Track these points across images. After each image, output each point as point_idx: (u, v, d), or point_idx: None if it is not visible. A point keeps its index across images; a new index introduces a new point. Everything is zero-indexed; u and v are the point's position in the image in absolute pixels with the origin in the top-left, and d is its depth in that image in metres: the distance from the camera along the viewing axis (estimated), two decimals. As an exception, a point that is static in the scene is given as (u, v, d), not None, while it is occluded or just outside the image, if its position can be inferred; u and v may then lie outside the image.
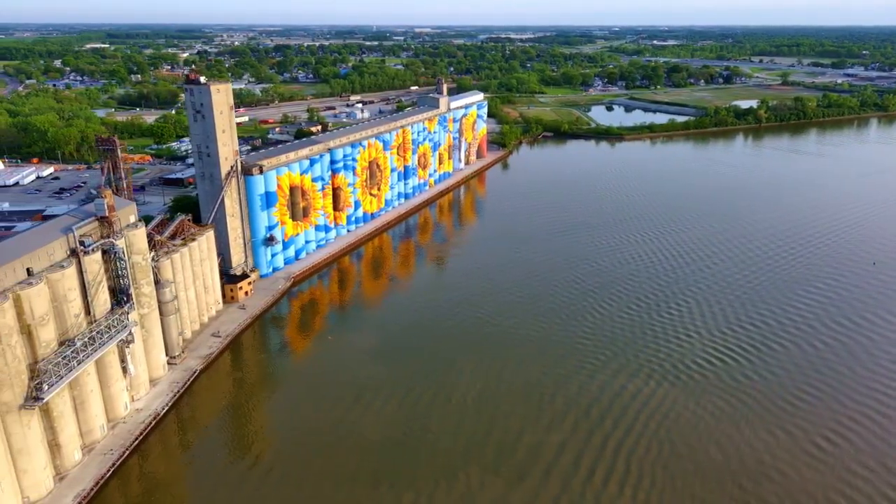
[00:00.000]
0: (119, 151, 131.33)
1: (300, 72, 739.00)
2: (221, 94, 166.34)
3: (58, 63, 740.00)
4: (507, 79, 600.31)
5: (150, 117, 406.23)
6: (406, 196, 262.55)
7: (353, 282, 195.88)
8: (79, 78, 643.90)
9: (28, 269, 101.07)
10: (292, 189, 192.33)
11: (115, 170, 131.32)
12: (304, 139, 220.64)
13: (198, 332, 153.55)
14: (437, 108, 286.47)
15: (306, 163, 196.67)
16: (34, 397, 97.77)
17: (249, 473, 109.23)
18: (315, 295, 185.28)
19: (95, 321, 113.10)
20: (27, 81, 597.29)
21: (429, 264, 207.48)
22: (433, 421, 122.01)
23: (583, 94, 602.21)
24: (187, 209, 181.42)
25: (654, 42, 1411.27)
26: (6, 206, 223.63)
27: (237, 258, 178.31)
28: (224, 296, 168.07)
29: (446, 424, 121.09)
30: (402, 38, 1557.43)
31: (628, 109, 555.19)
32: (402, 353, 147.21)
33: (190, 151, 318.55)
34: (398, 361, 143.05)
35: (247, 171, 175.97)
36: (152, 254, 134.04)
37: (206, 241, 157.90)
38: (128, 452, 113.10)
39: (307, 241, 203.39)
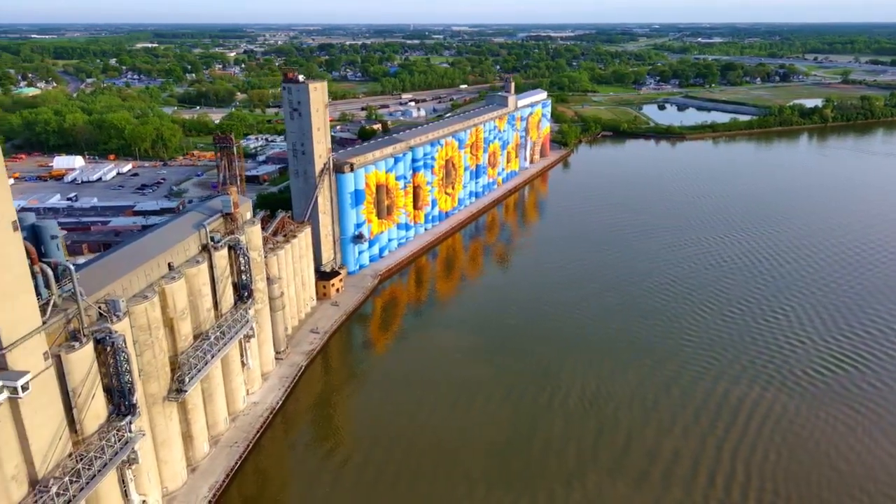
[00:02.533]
0: (235, 149, 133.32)
1: (348, 70, 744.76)
2: (318, 93, 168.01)
3: (113, 62, 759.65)
4: (557, 77, 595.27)
5: (213, 115, 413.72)
6: (477, 195, 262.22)
7: (433, 280, 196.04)
8: (136, 77, 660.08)
9: (169, 264, 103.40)
10: (378, 187, 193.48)
11: (231, 167, 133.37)
12: (387, 138, 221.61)
13: (297, 328, 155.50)
14: (506, 106, 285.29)
15: (391, 161, 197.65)
16: (177, 389, 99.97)
17: (359, 470, 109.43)
18: (400, 293, 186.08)
19: (222, 316, 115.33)
20: (88, 80, 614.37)
21: (508, 264, 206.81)
22: (541, 424, 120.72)
23: (636, 93, 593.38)
24: (272, 206, 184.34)
25: (699, 39, 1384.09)
26: (95, 200, 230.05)
27: (327, 255, 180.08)
28: (317, 292, 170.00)
29: (555, 427, 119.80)
30: (441, 36, 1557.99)
31: (681, 108, 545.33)
32: (498, 353, 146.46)
33: (258, 149, 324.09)
34: (496, 362, 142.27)
35: (338, 169, 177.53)
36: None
37: (304, 238, 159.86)
38: (251, 445, 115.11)
39: (390, 239, 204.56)
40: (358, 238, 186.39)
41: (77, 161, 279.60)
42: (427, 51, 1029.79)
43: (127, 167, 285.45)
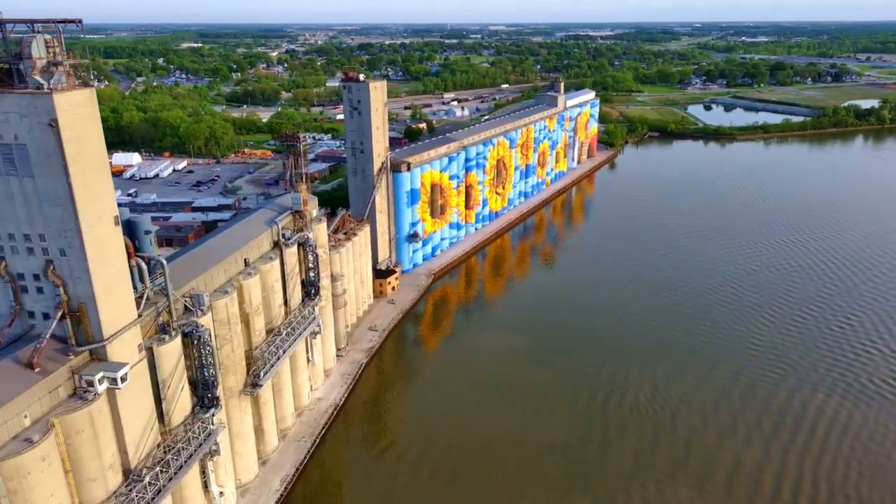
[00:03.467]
0: (301, 147, 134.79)
1: (389, 70, 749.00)
2: (377, 91, 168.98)
3: (161, 61, 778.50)
4: (600, 77, 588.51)
5: (260, 114, 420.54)
6: (526, 195, 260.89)
7: (484, 280, 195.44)
8: (183, 76, 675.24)
9: (245, 260, 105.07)
10: (433, 186, 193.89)
11: (297, 165, 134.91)
12: (440, 137, 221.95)
13: (355, 326, 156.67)
14: (556, 106, 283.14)
15: (445, 160, 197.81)
16: (252, 384, 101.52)
17: (414, 469, 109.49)
18: (451, 292, 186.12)
19: (291, 312, 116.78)
20: (138, 79, 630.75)
21: (558, 265, 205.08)
22: (597, 426, 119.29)
23: (681, 93, 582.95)
24: (325, 204, 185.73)
25: (744, 38, 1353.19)
26: (154, 197, 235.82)
27: (383, 254, 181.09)
28: (373, 290, 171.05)
29: (611, 430, 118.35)
30: (478, 35, 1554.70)
31: (728, 108, 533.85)
32: (551, 354, 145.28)
33: (308, 147, 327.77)
34: (550, 363, 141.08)
35: (395, 168, 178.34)
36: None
37: (363, 237, 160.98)
38: (318, 441, 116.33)
39: (442, 238, 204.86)
40: (413, 237, 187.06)
41: (134, 158, 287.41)
42: (466, 50, 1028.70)
43: (182, 164, 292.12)
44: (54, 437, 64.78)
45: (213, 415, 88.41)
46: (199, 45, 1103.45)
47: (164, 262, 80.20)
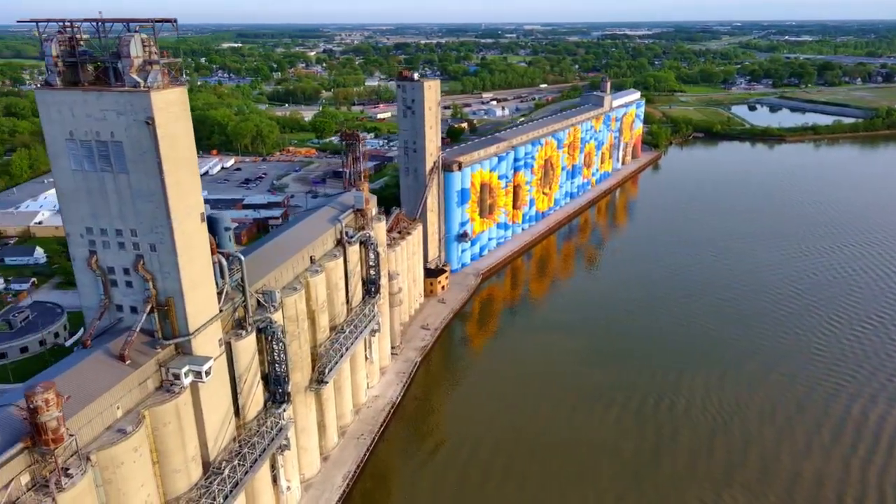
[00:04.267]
0: (361, 146, 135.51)
1: (426, 69, 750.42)
2: (432, 91, 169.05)
3: (203, 61, 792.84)
4: (641, 77, 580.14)
5: (303, 112, 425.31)
6: (572, 195, 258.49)
7: (533, 281, 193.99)
8: (225, 75, 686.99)
9: (311, 258, 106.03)
10: (482, 186, 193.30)
11: (356, 164, 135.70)
12: (489, 136, 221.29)
13: (407, 324, 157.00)
14: (602, 106, 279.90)
15: (495, 160, 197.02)
16: (317, 380, 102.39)
17: (474, 469, 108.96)
18: (500, 292, 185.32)
19: (352, 310, 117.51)
20: (181, 78, 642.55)
21: (606, 267, 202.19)
22: (665, 435, 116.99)
23: (726, 93, 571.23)
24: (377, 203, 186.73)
25: (787, 38, 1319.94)
26: (206, 193, 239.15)
27: (433, 253, 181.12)
28: (423, 289, 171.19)
29: (680, 439, 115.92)
30: (513, 35, 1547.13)
31: (773, 109, 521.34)
32: (608, 356, 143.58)
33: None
34: (607, 365, 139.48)
35: (447, 168, 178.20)
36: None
37: (416, 235, 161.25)
38: (377, 438, 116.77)
39: (489, 238, 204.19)
40: (462, 237, 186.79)
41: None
42: (502, 50, 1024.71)
43: (230, 162, 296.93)
44: (145, 429, 66.05)
45: (284, 410, 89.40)
46: (239, 45, 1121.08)
47: (242, 258, 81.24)
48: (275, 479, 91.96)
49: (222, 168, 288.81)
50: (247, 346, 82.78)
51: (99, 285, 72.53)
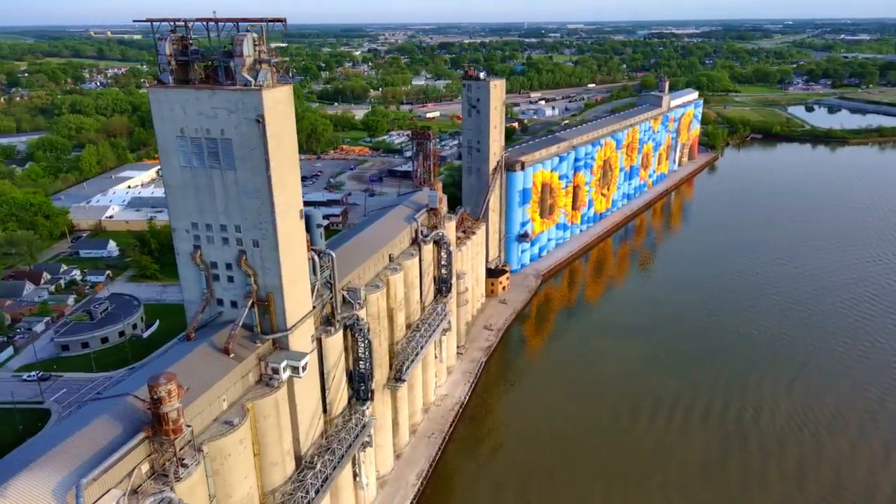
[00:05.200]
0: (431, 145, 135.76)
1: (473, 68, 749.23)
2: (497, 90, 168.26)
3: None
4: (694, 76, 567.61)
5: (353, 111, 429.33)
6: (629, 196, 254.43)
7: (592, 284, 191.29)
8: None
9: (390, 256, 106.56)
10: (543, 186, 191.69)
11: (426, 162, 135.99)
12: (549, 136, 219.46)
13: (470, 324, 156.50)
14: (660, 106, 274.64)
15: (556, 160, 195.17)
16: (395, 378, 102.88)
17: (542, 471, 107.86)
18: (561, 294, 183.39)
19: (425, 309, 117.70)
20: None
21: (669, 270, 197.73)
22: (735, 445, 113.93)
23: (783, 93, 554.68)
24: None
25: (843, 36, 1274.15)
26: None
27: (493, 253, 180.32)
28: (484, 289, 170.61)
29: (750, 448, 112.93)
30: (557, 34, 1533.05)
31: (832, 110, 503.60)
32: (677, 362, 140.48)
33: (403, 145, 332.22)
34: (678, 372, 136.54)
35: (509, 167, 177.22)
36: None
37: (480, 235, 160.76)
38: (447, 437, 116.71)
39: (549, 239, 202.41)
40: (523, 237, 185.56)
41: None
42: (547, 49, 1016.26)
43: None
44: (248, 422, 67.11)
45: (367, 407, 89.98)
46: (286, 44, 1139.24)
47: (334, 255, 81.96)
48: (355, 476, 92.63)
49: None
50: (335, 342, 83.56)
51: (202, 279, 74.05)
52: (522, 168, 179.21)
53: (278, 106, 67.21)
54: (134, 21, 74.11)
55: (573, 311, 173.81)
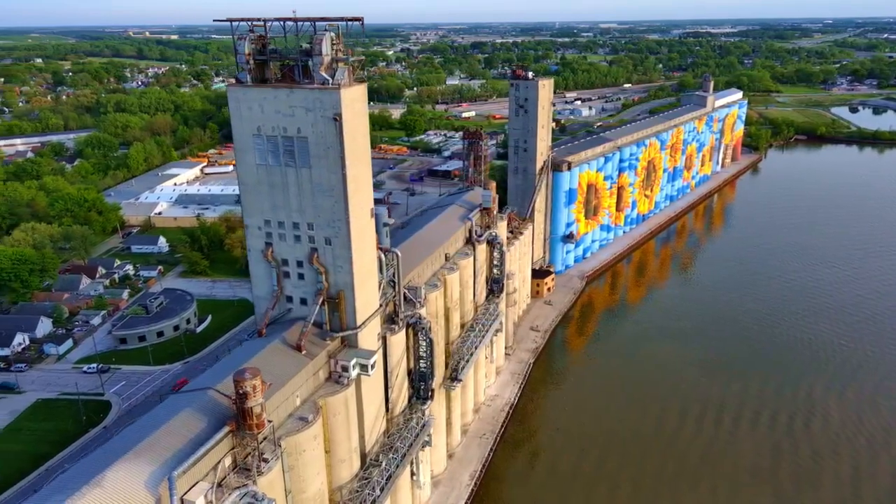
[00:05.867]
0: (483, 145, 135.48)
1: (505, 68, 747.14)
2: (545, 90, 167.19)
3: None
4: (734, 76, 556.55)
5: (390, 110, 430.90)
6: (671, 198, 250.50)
7: (639, 286, 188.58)
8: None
9: (445, 255, 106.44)
10: (588, 186, 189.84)
11: (477, 162, 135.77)
12: (594, 137, 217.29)
13: (517, 325, 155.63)
14: (704, 106, 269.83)
15: (602, 160, 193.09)
16: (451, 377, 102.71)
17: (592, 478, 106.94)
18: (606, 296, 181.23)
19: (478, 309, 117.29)
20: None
21: (715, 273, 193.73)
22: (785, 452, 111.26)
23: (826, 94, 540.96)
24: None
25: (887, 35, 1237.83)
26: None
27: (537, 254, 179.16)
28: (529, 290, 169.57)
29: (801, 453, 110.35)
30: (589, 33, 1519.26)
31: (878, 111, 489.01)
32: (728, 367, 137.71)
33: (441, 144, 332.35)
34: (728, 377, 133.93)
35: (556, 167, 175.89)
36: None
37: (528, 235, 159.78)
38: (498, 438, 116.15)
39: (593, 241, 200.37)
40: (568, 238, 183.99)
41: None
42: (581, 49, 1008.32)
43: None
44: (321, 418, 67.54)
45: (427, 406, 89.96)
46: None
47: (399, 253, 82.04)
48: (412, 475, 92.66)
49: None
50: (399, 340, 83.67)
51: (272, 276, 74.76)
52: (569, 168, 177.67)
53: (354, 104, 67.49)
54: (214, 21, 75.02)
55: (618, 313, 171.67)
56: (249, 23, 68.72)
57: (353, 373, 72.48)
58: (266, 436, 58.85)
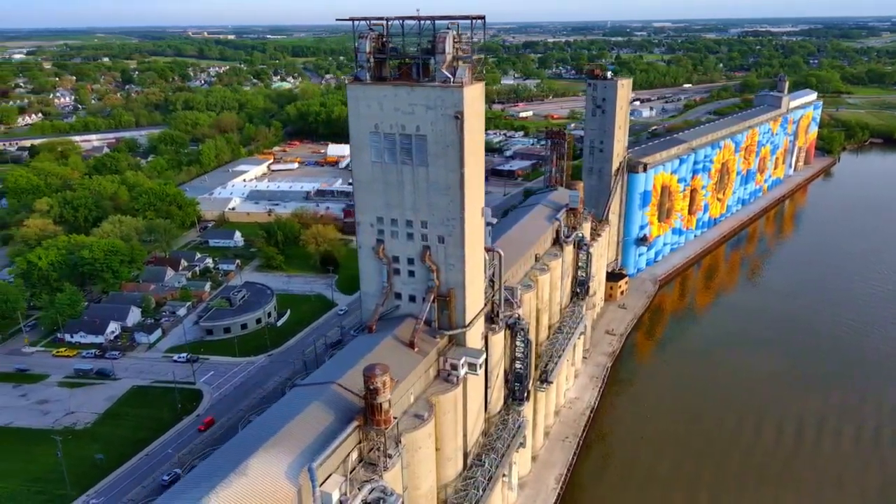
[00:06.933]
0: (567, 145, 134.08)
1: (560, 68, 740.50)
2: (624, 90, 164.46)
3: (342, 59, 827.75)
4: (800, 76, 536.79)
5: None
6: (743, 202, 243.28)
7: (714, 291, 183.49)
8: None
9: (535, 256, 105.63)
10: (662, 189, 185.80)
11: (560, 161, 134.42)
12: (667, 138, 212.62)
13: (592, 328, 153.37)
14: (779, 107, 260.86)
15: (676, 162, 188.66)
16: (541, 379, 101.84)
17: (679, 482, 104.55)
18: (679, 301, 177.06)
19: (563, 310, 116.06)
20: (327, 76, 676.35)
21: (789, 279, 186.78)
22: (885, 464, 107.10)
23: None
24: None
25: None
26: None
27: (610, 256, 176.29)
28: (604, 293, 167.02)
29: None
30: (642, 32, 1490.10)
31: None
32: (807, 376, 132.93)
33: (501, 143, 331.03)
34: (807, 387, 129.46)
35: (632, 169, 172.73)
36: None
37: (605, 237, 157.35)
38: (581, 442, 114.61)
39: (664, 244, 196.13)
40: (642, 240, 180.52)
41: (346, 149, 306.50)
42: (636, 48, 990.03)
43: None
44: (434, 416, 67.70)
45: (523, 407, 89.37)
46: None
47: (502, 253, 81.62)
48: (503, 475, 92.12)
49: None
50: (499, 340, 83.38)
51: (383, 273, 75.34)
52: (645, 170, 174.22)
53: (474, 103, 67.43)
54: (336, 20, 76.03)
55: (692, 318, 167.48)
56: (369, 22, 69.31)
57: (462, 371, 72.41)
58: (391, 432, 59.26)
